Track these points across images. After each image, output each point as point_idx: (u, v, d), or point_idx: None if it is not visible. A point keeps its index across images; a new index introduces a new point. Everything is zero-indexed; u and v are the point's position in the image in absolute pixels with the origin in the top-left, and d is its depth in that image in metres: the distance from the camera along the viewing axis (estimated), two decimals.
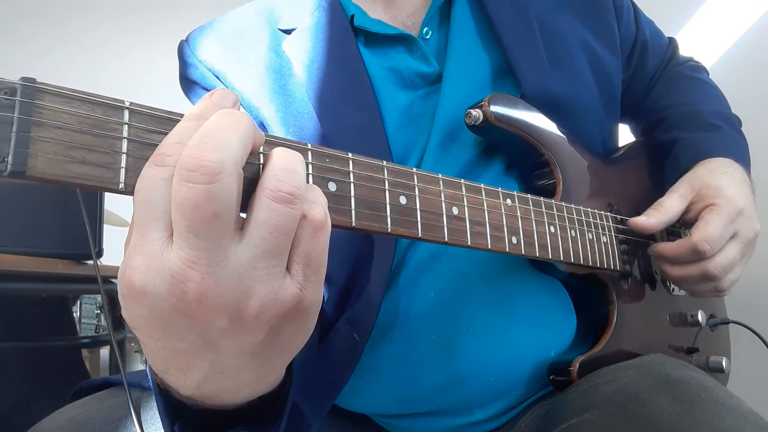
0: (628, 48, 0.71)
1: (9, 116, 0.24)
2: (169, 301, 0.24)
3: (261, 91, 0.57)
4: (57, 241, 1.15)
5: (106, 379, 0.51)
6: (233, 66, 0.59)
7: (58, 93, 0.25)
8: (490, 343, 0.51)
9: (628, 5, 0.72)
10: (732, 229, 0.55)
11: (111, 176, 0.26)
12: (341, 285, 0.53)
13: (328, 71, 0.56)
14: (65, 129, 0.25)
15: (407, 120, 0.56)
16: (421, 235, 0.38)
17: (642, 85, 0.74)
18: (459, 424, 0.52)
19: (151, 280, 0.24)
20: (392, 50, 0.58)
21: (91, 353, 1.83)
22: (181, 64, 0.62)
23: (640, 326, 0.59)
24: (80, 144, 0.25)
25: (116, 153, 0.26)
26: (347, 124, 0.53)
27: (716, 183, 0.56)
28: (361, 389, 0.53)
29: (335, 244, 0.29)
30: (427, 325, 0.51)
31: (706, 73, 0.77)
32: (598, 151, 0.63)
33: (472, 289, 0.51)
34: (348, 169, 0.35)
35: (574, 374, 0.50)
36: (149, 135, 0.27)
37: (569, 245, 0.50)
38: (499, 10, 0.58)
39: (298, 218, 0.26)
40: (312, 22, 0.59)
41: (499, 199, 0.45)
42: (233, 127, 0.25)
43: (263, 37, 0.60)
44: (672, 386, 0.41)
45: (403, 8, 0.61)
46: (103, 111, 0.26)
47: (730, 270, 0.55)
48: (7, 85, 0.24)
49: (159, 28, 2.97)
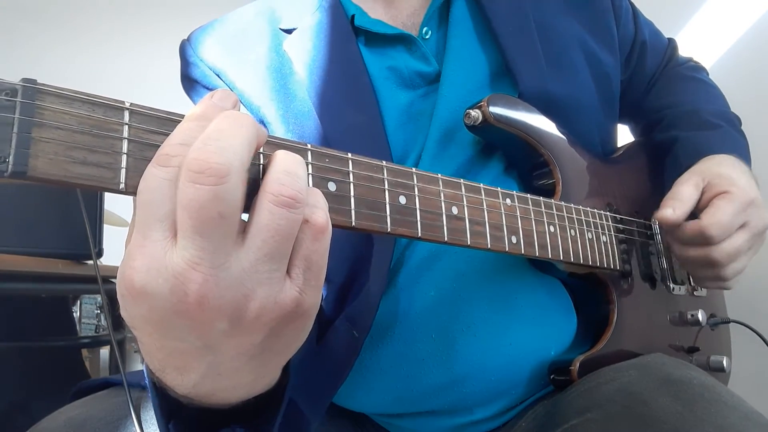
0: (627, 48, 0.71)
1: (10, 117, 0.24)
2: (170, 302, 0.24)
3: (261, 90, 0.58)
4: (57, 241, 1.15)
5: (106, 379, 0.51)
6: (234, 65, 0.59)
7: (59, 94, 0.25)
8: (490, 342, 0.51)
9: (627, 6, 0.72)
10: (743, 217, 0.54)
11: (111, 176, 0.26)
12: (340, 282, 0.54)
13: (329, 70, 0.56)
14: (66, 130, 0.25)
15: (407, 119, 0.56)
16: (420, 235, 0.38)
17: (641, 86, 0.75)
18: (459, 423, 0.52)
19: (152, 280, 0.24)
20: (392, 50, 0.58)
21: (91, 353, 1.84)
22: (182, 63, 0.62)
23: (641, 326, 0.59)
24: (81, 144, 0.25)
25: (116, 153, 0.26)
26: (347, 123, 0.54)
27: (727, 173, 0.56)
28: (361, 388, 0.53)
29: (334, 243, 0.29)
30: (427, 323, 0.51)
31: (705, 73, 0.77)
32: (596, 151, 0.63)
33: (472, 288, 0.52)
34: (347, 169, 0.35)
35: (574, 374, 0.51)
36: (149, 135, 0.27)
37: (569, 245, 0.50)
38: (496, 11, 0.58)
39: (300, 222, 0.26)
40: (313, 22, 0.59)
41: (498, 199, 0.45)
42: (238, 129, 0.25)
43: (264, 37, 0.60)
44: (674, 386, 0.41)
45: (403, 8, 0.61)
46: (104, 111, 0.26)
47: (735, 258, 0.55)
48: (8, 86, 0.24)
49: (158, 29, 2.97)
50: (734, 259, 0.55)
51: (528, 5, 0.60)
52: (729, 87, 0.74)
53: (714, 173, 0.57)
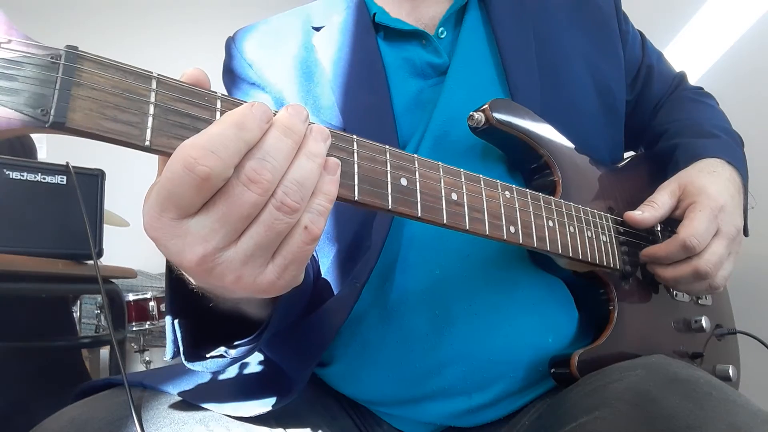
0: (634, 71, 0.75)
1: (53, 76, 0.27)
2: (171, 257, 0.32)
3: (287, 75, 0.64)
4: (57, 241, 1.16)
5: (108, 379, 0.51)
6: (266, 57, 0.66)
7: (96, 60, 0.29)
8: (490, 322, 0.53)
9: (635, 33, 0.76)
10: (714, 225, 0.56)
11: (138, 134, 0.29)
12: (346, 245, 0.58)
13: (348, 59, 0.63)
14: (101, 90, 0.29)
15: (415, 105, 0.61)
16: (420, 215, 0.41)
17: (648, 108, 0.77)
18: (458, 410, 0.53)
19: None
20: (408, 44, 0.64)
21: (91, 353, 1.82)
22: (226, 56, 0.70)
23: (642, 328, 0.59)
24: (113, 104, 0.29)
25: (144, 114, 0.29)
26: (360, 103, 0.60)
27: (700, 181, 0.59)
28: (364, 368, 0.55)
29: (341, 209, 0.33)
30: (430, 301, 0.54)
31: (714, 100, 0.79)
32: (601, 157, 0.66)
33: (476, 271, 0.54)
34: (353, 149, 0.38)
35: (573, 367, 0.51)
36: (173, 102, 0.31)
37: (567, 240, 0.52)
38: (501, 22, 0.64)
39: (293, 224, 0.31)
40: (340, 20, 0.67)
41: (497, 190, 0.47)
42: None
43: (297, 34, 0.68)
44: (682, 384, 0.41)
45: (425, 12, 0.68)
46: (134, 78, 0.30)
47: (720, 266, 0.56)
48: (53, 50, 0.28)
49: (158, 29, 3.12)
50: (719, 266, 0.57)
51: (531, 19, 0.65)
52: (727, 89, 0.76)
53: (689, 181, 0.59)
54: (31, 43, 0.27)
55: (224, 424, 0.47)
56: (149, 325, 2.16)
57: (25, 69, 0.27)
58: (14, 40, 0.27)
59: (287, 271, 0.32)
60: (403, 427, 0.58)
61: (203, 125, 0.31)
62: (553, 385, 0.55)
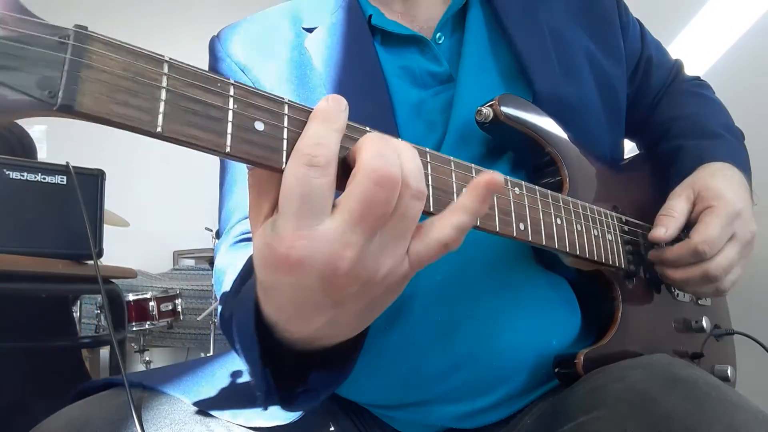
0: (633, 63, 0.74)
1: (62, 56, 0.26)
2: (321, 273, 0.30)
3: (282, 83, 0.61)
4: (57, 241, 1.16)
5: (108, 379, 0.51)
6: (259, 61, 0.63)
7: (107, 41, 0.28)
8: (493, 326, 0.52)
9: (635, 23, 0.75)
10: (730, 230, 0.56)
11: (150, 120, 0.28)
12: None
13: (345, 65, 0.60)
14: (111, 74, 0.27)
15: (416, 115, 0.59)
16: (432, 210, 0.40)
17: (647, 100, 0.77)
18: (461, 412, 0.52)
19: (310, 255, 0.30)
20: (406, 50, 0.62)
21: (91, 353, 1.83)
22: (211, 58, 0.66)
23: (645, 327, 0.59)
24: (124, 88, 0.27)
25: (155, 100, 0.28)
26: (360, 114, 0.57)
27: (715, 185, 0.58)
28: (366, 375, 0.53)
29: None
30: (432, 307, 0.52)
31: (711, 90, 0.79)
32: (605, 157, 0.65)
33: (477, 275, 0.53)
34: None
35: (579, 366, 0.51)
36: (186, 88, 0.29)
37: (575, 238, 0.51)
38: (511, 17, 0.61)
39: None
40: (333, 21, 0.63)
41: (507, 186, 0.47)
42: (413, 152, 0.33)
43: (288, 36, 0.64)
44: (681, 385, 0.41)
45: (420, 14, 0.65)
46: (146, 62, 0.28)
47: (730, 270, 0.56)
48: (61, 30, 0.27)
49: (157, 29, 3.09)
50: (729, 271, 0.57)
51: (539, 14, 0.63)
52: (728, 88, 0.76)
53: (703, 185, 0.59)
54: (38, 22, 0.26)
55: (224, 423, 0.46)
56: (149, 325, 2.16)
57: (32, 49, 0.26)
58: (20, 17, 0.26)
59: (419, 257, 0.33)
60: (404, 429, 0.57)
61: (216, 113, 0.30)
62: (554, 386, 0.55)
